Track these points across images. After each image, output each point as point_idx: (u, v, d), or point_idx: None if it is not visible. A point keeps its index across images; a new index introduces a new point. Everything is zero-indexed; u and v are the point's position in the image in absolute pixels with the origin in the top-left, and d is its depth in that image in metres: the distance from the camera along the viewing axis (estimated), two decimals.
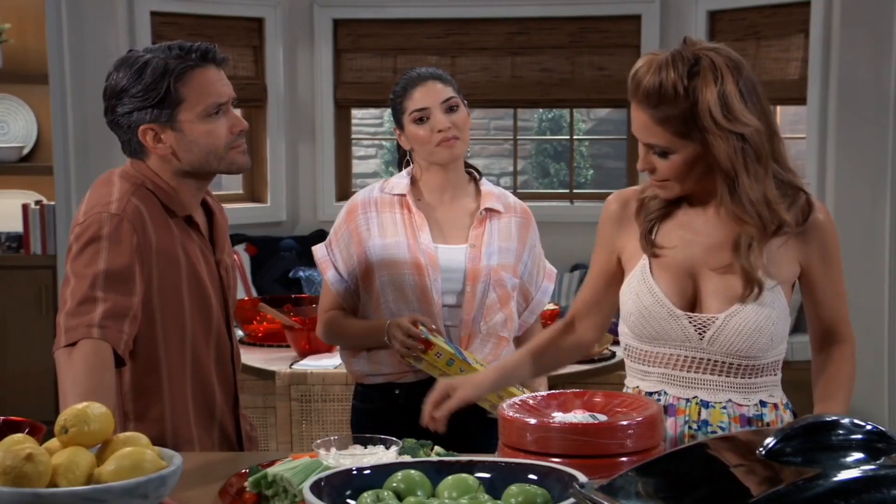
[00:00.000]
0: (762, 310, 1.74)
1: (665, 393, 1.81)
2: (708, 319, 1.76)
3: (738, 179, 1.70)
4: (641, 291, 1.80)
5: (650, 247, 1.82)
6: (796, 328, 2.82)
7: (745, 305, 1.74)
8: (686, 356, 1.78)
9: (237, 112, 1.97)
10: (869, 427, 1.08)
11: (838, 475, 0.99)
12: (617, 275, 1.90)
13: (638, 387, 1.86)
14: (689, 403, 1.79)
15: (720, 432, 1.76)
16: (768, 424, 1.78)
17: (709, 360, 1.78)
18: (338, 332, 2.43)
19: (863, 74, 4.32)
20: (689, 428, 1.78)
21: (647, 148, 1.75)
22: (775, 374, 1.83)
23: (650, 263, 1.81)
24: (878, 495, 0.96)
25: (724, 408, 1.78)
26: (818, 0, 4.47)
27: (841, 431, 1.07)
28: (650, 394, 1.83)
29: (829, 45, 4.47)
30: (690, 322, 1.76)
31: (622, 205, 1.89)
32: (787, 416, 1.84)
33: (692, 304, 1.79)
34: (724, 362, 1.77)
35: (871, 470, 0.99)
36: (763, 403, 1.80)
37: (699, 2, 4.93)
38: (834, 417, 1.09)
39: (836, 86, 4.44)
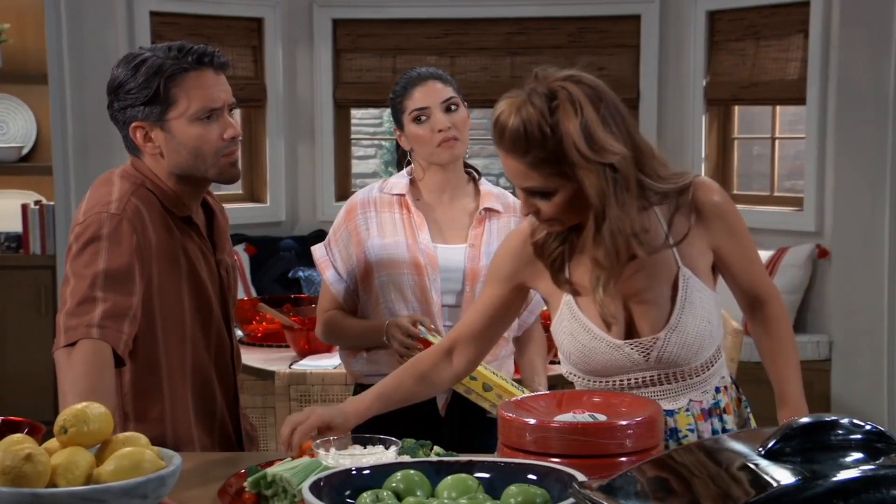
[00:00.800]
0: (697, 312, 1.73)
1: None
2: (648, 342, 1.74)
3: (608, 211, 1.65)
4: (576, 330, 1.77)
5: (566, 285, 1.78)
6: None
7: (682, 316, 1.72)
8: (637, 377, 1.77)
9: (237, 117, 1.96)
10: (868, 427, 1.08)
11: (837, 475, 0.99)
12: (513, 301, 1.85)
13: None
14: None
15: (690, 436, 1.76)
16: (724, 409, 1.79)
17: (660, 374, 1.77)
18: (337, 332, 2.43)
19: (862, 74, 4.32)
20: (664, 440, 1.76)
21: (526, 193, 1.70)
22: (720, 356, 1.83)
23: (575, 300, 1.77)
24: (877, 495, 0.96)
25: (687, 410, 1.78)
26: (817, 0, 4.47)
27: (840, 431, 1.07)
28: None
29: (828, 45, 4.47)
30: (633, 348, 1.75)
31: (521, 241, 1.82)
32: (732, 391, 1.85)
33: (628, 329, 1.76)
34: (675, 372, 1.77)
35: (870, 470, 0.99)
36: (717, 389, 1.81)
37: (698, 2, 4.93)
38: (833, 418, 1.09)
39: (835, 86, 4.44)
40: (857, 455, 1.05)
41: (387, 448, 1.55)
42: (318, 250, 2.45)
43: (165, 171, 1.93)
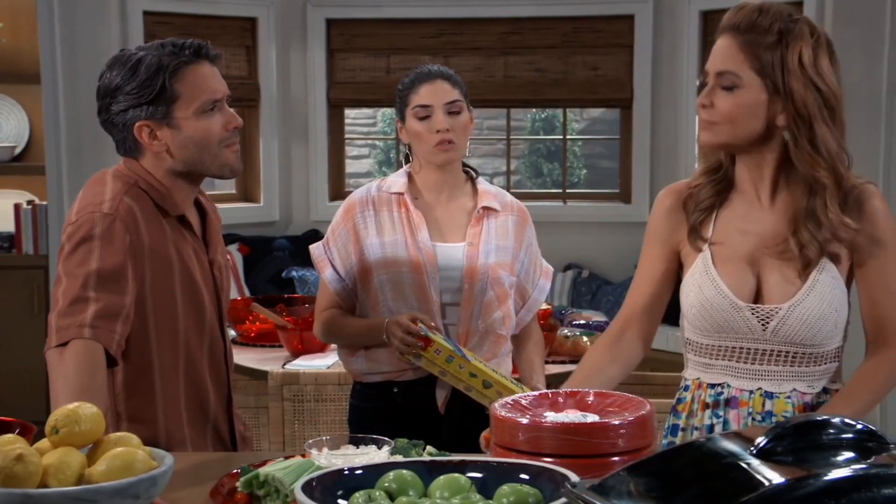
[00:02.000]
0: (825, 297, 1.74)
1: (728, 385, 1.81)
2: (771, 310, 1.76)
3: (815, 128, 1.70)
4: (704, 284, 1.79)
5: (697, 240, 1.81)
6: None
7: (810, 293, 1.73)
8: (749, 348, 1.78)
9: (231, 110, 1.97)
10: (859, 426, 1.08)
11: (829, 474, 0.99)
12: (672, 270, 1.88)
13: (699, 378, 1.85)
14: (752, 395, 1.79)
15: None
16: None
17: (772, 350, 1.77)
18: (335, 330, 2.43)
19: (854, 75, 4.33)
20: (753, 420, 1.78)
21: (716, 79, 1.73)
22: (837, 361, 1.82)
23: (712, 255, 1.80)
24: (868, 494, 0.96)
25: (789, 397, 1.78)
26: (810, 1, 4.48)
27: (832, 431, 1.07)
28: (712, 386, 1.83)
29: None
30: (753, 314, 1.76)
31: (675, 197, 1.88)
32: None
33: (755, 295, 1.78)
34: (787, 352, 1.77)
35: (861, 469, 0.99)
36: (826, 391, 1.80)
37: (692, 2, 4.94)
38: (825, 416, 1.09)
39: None
40: (849, 454, 1.05)
41: (379, 448, 1.54)
42: (316, 249, 2.45)
43: (166, 169, 1.92)
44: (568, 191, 5.90)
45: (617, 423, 1.46)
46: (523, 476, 1.32)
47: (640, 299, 1.90)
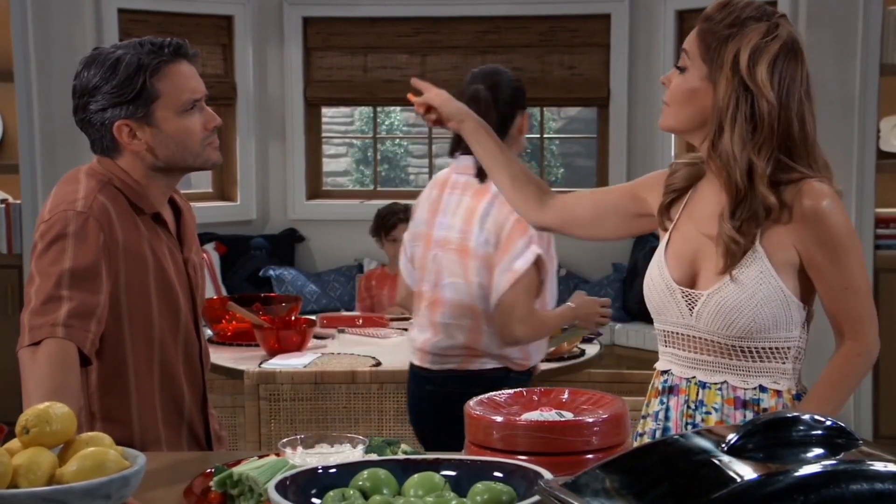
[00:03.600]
0: (745, 290, 1.74)
1: (671, 373, 1.85)
2: (697, 295, 1.79)
3: (724, 128, 1.71)
4: (653, 266, 1.86)
5: (665, 220, 1.87)
6: None
7: (731, 283, 1.74)
8: (682, 333, 1.81)
9: (209, 109, 1.97)
10: (829, 423, 1.09)
11: (799, 471, 0.99)
12: (615, 205, 1.94)
13: (658, 365, 1.91)
14: (689, 383, 1.82)
15: (713, 414, 1.78)
16: (765, 410, 1.78)
17: (702, 338, 1.80)
18: (541, 326, 2.59)
19: (828, 75, 4.37)
20: (688, 408, 1.81)
21: (676, 60, 1.80)
22: (783, 362, 1.79)
23: (669, 238, 1.85)
24: (836, 490, 0.97)
25: (720, 389, 1.80)
26: (784, 2, 4.51)
27: (802, 427, 1.08)
28: (663, 372, 1.88)
29: None
30: (683, 297, 1.80)
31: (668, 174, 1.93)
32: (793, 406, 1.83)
33: (693, 280, 1.81)
34: (717, 342, 1.78)
35: (830, 465, 1.00)
36: (763, 388, 1.79)
37: (668, 1, 4.96)
38: (795, 414, 1.10)
39: None
40: (818, 451, 1.05)
41: (353, 446, 1.54)
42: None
43: (145, 167, 1.91)
44: None
45: (591, 420, 1.47)
46: (497, 474, 1.32)
47: (580, 199, 2.00)
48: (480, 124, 2.02)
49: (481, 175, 2.56)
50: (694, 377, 1.82)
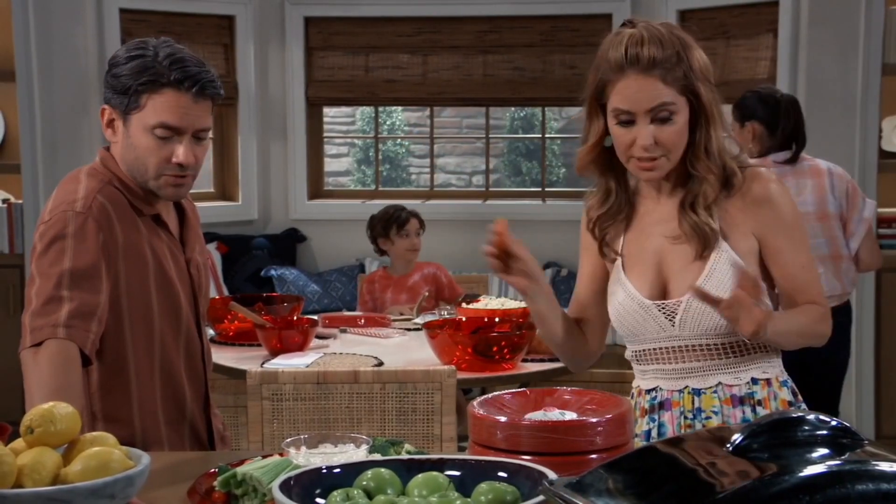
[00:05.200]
0: (724, 282, 1.76)
1: (660, 389, 1.84)
2: (675, 304, 1.79)
3: (714, 128, 1.76)
4: (616, 290, 1.84)
5: (610, 253, 1.87)
6: None
7: (708, 282, 1.75)
8: (667, 346, 1.81)
9: (207, 144, 1.93)
10: (834, 423, 1.09)
11: (804, 471, 0.99)
12: (602, 277, 1.93)
13: (638, 386, 1.88)
14: (681, 394, 1.81)
15: (714, 418, 1.79)
16: (760, 402, 1.80)
17: (689, 345, 1.79)
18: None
19: (830, 73, 4.37)
20: (685, 419, 1.81)
21: (651, 117, 1.75)
22: (767, 350, 1.82)
23: (623, 263, 1.85)
24: (842, 490, 0.97)
25: (715, 392, 1.80)
26: (786, 2, 4.51)
27: (806, 427, 1.08)
28: (648, 391, 1.86)
29: (797, 44, 4.51)
30: (660, 310, 1.79)
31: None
32: (784, 393, 1.84)
33: (663, 291, 1.81)
34: (705, 345, 1.79)
35: (835, 465, 1.00)
36: (755, 381, 1.81)
37: (669, 1, 4.96)
38: (799, 414, 1.10)
39: (804, 84, 4.48)
40: (824, 451, 1.05)
41: (357, 446, 1.54)
42: None
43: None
44: (547, 189, 5.92)
45: (594, 420, 1.46)
46: (501, 474, 1.32)
47: (583, 302, 1.96)
48: (550, 290, 1.92)
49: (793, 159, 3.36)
50: (686, 387, 1.81)
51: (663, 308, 1.79)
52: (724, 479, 1.04)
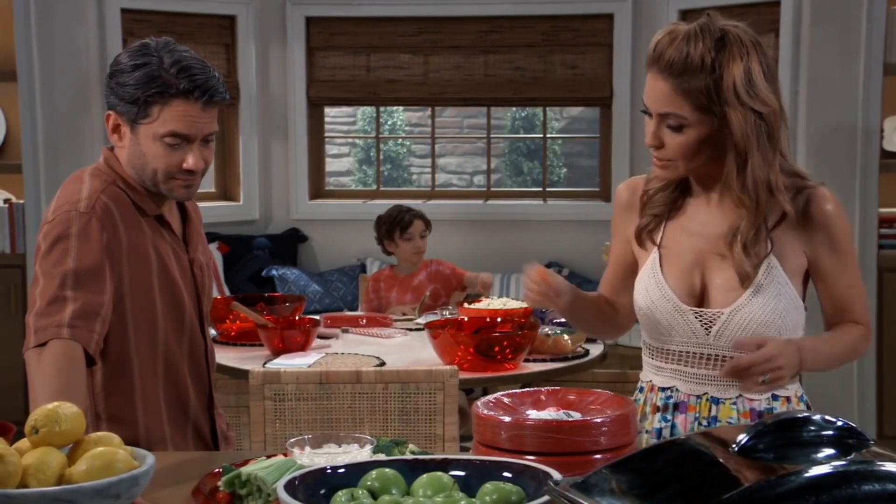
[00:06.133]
0: (768, 303, 1.73)
1: (676, 389, 1.81)
2: (714, 314, 1.75)
3: (750, 158, 1.67)
4: (650, 286, 1.80)
5: (647, 241, 1.82)
6: None
7: (752, 299, 1.72)
8: (694, 352, 1.78)
9: (210, 146, 1.93)
10: (840, 423, 1.09)
11: (810, 471, 0.99)
12: (634, 264, 1.89)
13: (651, 381, 1.86)
14: (699, 400, 1.79)
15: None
16: None
17: (717, 355, 1.77)
18: None
19: (831, 73, 4.37)
20: (700, 424, 1.78)
21: (660, 120, 1.70)
22: None
23: (660, 257, 1.80)
24: (848, 491, 0.97)
25: (735, 403, 1.78)
26: (788, 1, 4.51)
27: (812, 427, 1.08)
28: (663, 389, 1.83)
29: (798, 44, 4.51)
30: (696, 317, 1.76)
31: (632, 192, 1.88)
32: (800, 409, 1.82)
33: (700, 298, 1.78)
34: (732, 357, 1.74)
35: (841, 466, 1.00)
36: (775, 397, 1.79)
37: (671, 1, 4.96)
38: (805, 414, 1.10)
39: (805, 85, 4.48)
40: (829, 451, 1.06)
41: (361, 446, 1.54)
42: None
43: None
44: (548, 189, 5.91)
45: (599, 420, 1.46)
46: (506, 474, 1.32)
47: (611, 286, 1.95)
48: (576, 291, 1.91)
49: None
50: (706, 393, 1.79)
51: (700, 316, 1.76)
52: (730, 480, 1.04)
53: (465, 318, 3.18)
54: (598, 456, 1.43)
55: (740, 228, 1.72)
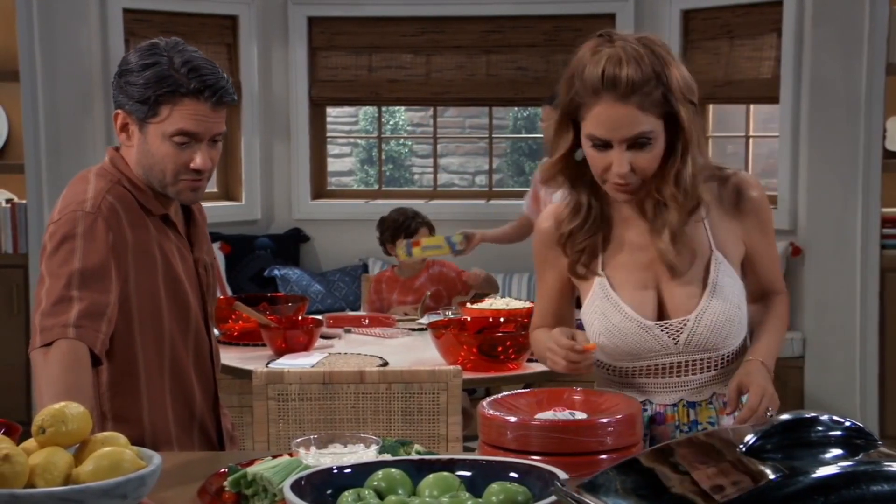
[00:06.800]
0: (728, 298, 1.76)
1: (650, 402, 1.80)
2: (679, 324, 1.76)
3: (691, 149, 1.70)
4: (607, 310, 1.77)
5: (586, 272, 1.80)
6: None
7: (713, 299, 1.75)
8: (664, 363, 1.78)
9: (217, 147, 1.92)
10: (847, 423, 1.09)
11: (817, 472, 0.99)
12: (569, 286, 1.86)
13: None
14: (675, 408, 1.79)
15: (710, 428, 1.77)
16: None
17: (687, 361, 1.78)
18: None
19: (834, 73, 4.37)
20: (681, 431, 1.79)
21: (629, 145, 1.67)
22: (745, 349, 1.84)
23: (609, 281, 1.78)
24: (856, 491, 0.97)
25: (710, 403, 1.79)
26: (790, 2, 4.51)
27: (820, 428, 1.08)
28: None
29: (801, 44, 4.51)
30: (663, 330, 1.76)
31: (557, 224, 1.83)
32: None
33: (658, 312, 1.78)
34: (702, 359, 1.78)
35: (849, 466, 1.00)
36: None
37: (673, 1, 4.96)
38: (813, 414, 1.10)
39: (808, 85, 4.48)
40: (837, 451, 1.06)
41: (367, 447, 1.54)
42: None
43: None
44: None
45: (605, 421, 1.47)
46: (512, 474, 1.32)
47: (551, 314, 1.89)
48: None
49: None
50: (681, 400, 1.79)
51: (666, 328, 1.76)
52: (738, 481, 1.04)
53: (468, 319, 3.18)
54: (603, 456, 1.44)
55: (668, 220, 1.73)
